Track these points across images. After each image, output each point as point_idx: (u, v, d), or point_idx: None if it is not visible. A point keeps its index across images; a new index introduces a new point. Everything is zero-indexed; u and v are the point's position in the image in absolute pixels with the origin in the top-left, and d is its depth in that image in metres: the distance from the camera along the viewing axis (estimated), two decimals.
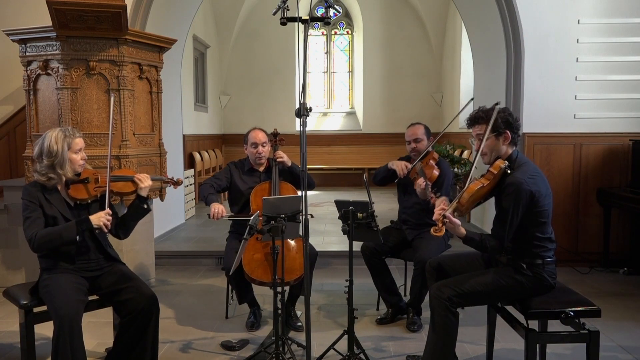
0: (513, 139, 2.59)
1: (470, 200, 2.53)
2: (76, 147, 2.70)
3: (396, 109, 11.06)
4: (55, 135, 2.66)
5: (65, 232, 2.56)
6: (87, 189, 2.73)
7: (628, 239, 4.97)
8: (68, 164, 2.66)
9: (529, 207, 2.48)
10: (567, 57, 4.95)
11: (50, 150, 2.63)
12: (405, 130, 3.77)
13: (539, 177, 2.53)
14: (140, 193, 2.81)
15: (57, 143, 2.64)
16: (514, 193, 2.45)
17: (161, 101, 4.19)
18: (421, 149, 3.64)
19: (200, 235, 6.02)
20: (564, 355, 3.12)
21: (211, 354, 3.18)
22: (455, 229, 2.49)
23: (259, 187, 3.55)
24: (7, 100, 4.97)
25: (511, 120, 2.57)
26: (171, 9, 5.66)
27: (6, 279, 4.34)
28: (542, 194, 2.49)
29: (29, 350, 2.64)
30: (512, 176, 2.49)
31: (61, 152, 2.64)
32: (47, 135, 2.68)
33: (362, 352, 2.93)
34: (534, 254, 2.54)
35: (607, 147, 4.98)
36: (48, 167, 2.64)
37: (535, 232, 2.53)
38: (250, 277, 3.24)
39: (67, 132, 2.70)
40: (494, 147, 2.59)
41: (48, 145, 2.64)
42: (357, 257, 3.33)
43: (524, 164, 2.56)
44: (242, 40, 11.06)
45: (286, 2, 2.47)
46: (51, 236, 2.55)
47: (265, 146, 3.61)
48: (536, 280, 2.53)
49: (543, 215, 2.52)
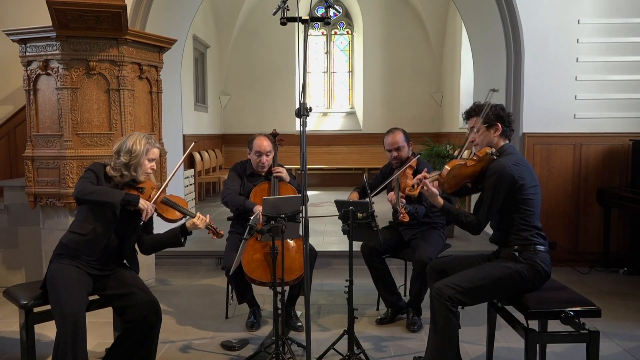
0: (504, 132, 2.70)
1: (450, 175, 2.59)
2: (152, 155, 2.76)
3: (396, 109, 11.06)
4: (139, 138, 2.74)
5: (112, 193, 2.61)
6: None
7: (628, 239, 4.97)
8: (141, 167, 2.72)
9: (511, 192, 2.55)
10: (567, 57, 4.95)
11: (131, 149, 2.69)
12: (384, 138, 3.68)
13: (524, 166, 2.61)
14: (188, 227, 2.82)
15: (140, 144, 2.70)
16: (495, 174, 2.54)
17: (161, 101, 4.19)
18: (403, 157, 3.60)
19: (200, 235, 6.00)
20: (564, 355, 3.12)
21: (211, 354, 3.18)
22: (432, 196, 2.64)
23: (259, 188, 3.55)
24: (7, 100, 4.97)
25: (502, 114, 2.69)
26: (171, 9, 5.66)
27: (6, 279, 4.34)
28: (527, 182, 2.56)
29: (29, 350, 2.64)
30: (497, 161, 2.60)
31: (140, 153, 2.69)
32: (132, 136, 2.75)
33: (362, 352, 2.93)
34: (523, 240, 2.58)
35: (607, 147, 4.98)
36: (123, 165, 2.69)
37: (520, 220, 2.59)
38: (250, 277, 3.24)
39: (149, 139, 2.77)
40: (485, 138, 2.70)
41: (131, 144, 2.70)
42: (357, 257, 3.33)
43: (512, 154, 2.66)
44: (242, 40, 11.06)
45: (286, 2, 2.47)
46: (99, 190, 2.60)
47: (269, 155, 3.59)
48: (531, 268, 2.54)
49: (528, 204, 2.58)
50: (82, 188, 2.59)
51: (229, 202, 3.54)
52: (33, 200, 3.95)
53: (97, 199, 2.59)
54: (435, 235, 3.56)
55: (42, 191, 3.89)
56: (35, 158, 3.87)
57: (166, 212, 2.82)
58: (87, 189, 2.59)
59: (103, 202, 2.60)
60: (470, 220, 2.61)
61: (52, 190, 3.85)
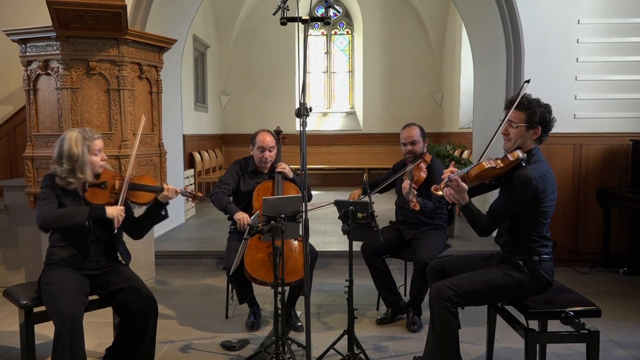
0: (540, 137, 2.59)
1: (477, 176, 2.54)
2: (95, 148, 2.63)
3: (396, 109, 11.06)
4: (75, 137, 2.60)
5: (76, 213, 2.51)
6: (103, 194, 2.66)
7: (628, 239, 4.98)
8: (89, 167, 2.61)
9: (531, 204, 2.50)
10: (567, 57, 4.95)
11: (70, 154, 2.56)
12: (400, 132, 3.69)
13: (549, 177, 2.54)
14: (159, 199, 2.76)
15: (77, 146, 2.57)
16: (521, 185, 2.46)
17: (161, 101, 4.18)
18: (417, 152, 3.60)
19: (200, 235, 6.02)
20: (564, 355, 3.12)
21: (211, 354, 3.18)
22: (460, 192, 2.52)
23: (262, 186, 3.53)
24: (7, 100, 4.97)
25: (548, 119, 2.58)
26: (171, 9, 5.66)
27: (6, 279, 4.34)
28: (548, 195, 2.51)
29: (29, 350, 2.64)
30: (525, 169, 2.49)
31: (81, 155, 2.58)
32: (66, 138, 2.60)
33: (362, 352, 2.93)
34: (530, 250, 2.55)
35: (607, 147, 4.98)
36: (68, 172, 2.58)
37: (532, 230, 2.55)
38: (252, 276, 3.23)
39: (85, 133, 2.63)
40: (521, 137, 2.58)
41: (68, 148, 2.57)
42: (357, 257, 3.33)
43: (540, 161, 2.57)
44: (242, 40, 11.06)
45: (286, 2, 2.47)
46: (61, 215, 2.50)
47: (272, 151, 3.55)
48: (533, 278, 2.53)
49: (543, 216, 2.54)
50: (44, 217, 2.47)
51: (215, 200, 3.51)
52: (33, 200, 3.93)
53: (62, 224, 2.51)
54: (436, 236, 3.56)
55: None
56: (35, 158, 3.87)
57: (138, 197, 2.74)
58: (50, 216, 2.48)
59: (69, 225, 2.52)
60: (484, 224, 2.56)
61: None
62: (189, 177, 7.31)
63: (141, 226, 2.85)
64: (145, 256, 4.50)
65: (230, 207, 3.43)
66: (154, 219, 2.83)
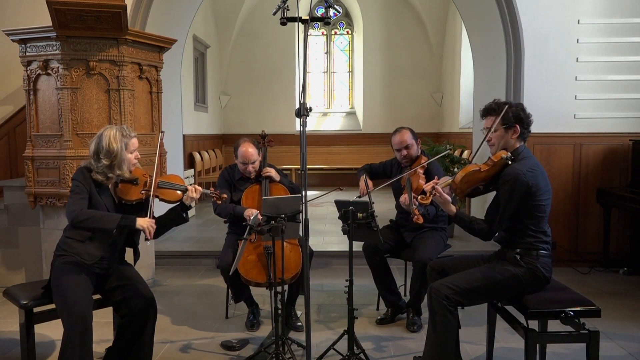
0: (522, 134, 2.63)
1: (463, 181, 2.57)
2: (132, 147, 2.69)
3: (396, 109, 11.06)
4: (114, 134, 2.63)
5: (107, 218, 2.55)
6: (135, 190, 2.72)
7: (628, 239, 4.97)
8: (126, 164, 2.65)
9: (524, 199, 2.51)
10: (567, 57, 4.95)
11: (109, 150, 2.60)
12: (391, 138, 3.64)
13: (538, 171, 2.56)
14: (185, 202, 2.79)
15: (116, 142, 2.61)
16: (509, 182, 2.50)
17: (161, 101, 4.19)
18: (413, 155, 3.57)
19: (200, 235, 6.02)
20: (564, 355, 3.12)
21: (211, 354, 3.18)
22: (445, 204, 2.60)
23: (249, 190, 3.52)
24: (7, 100, 4.97)
25: (522, 116, 2.62)
26: (171, 9, 5.66)
27: (6, 279, 4.34)
28: (541, 188, 2.52)
29: (29, 350, 2.64)
30: (512, 167, 2.53)
31: (120, 152, 2.61)
32: (105, 134, 2.64)
33: (362, 352, 2.92)
34: (527, 245, 2.56)
35: (607, 147, 4.98)
36: (107, 167, 2.61)
37: (530, 224, 2.56)
38: (246, 278, 3.23)
39: (124, 131, 2.67)
40: (502, 139, 2.63)
41: (107, 144, 2.60)
42: (357, 257, 3.33)
43: (526, 157, 2.59)
44: (242, 40, 11.06)
45: (286, 2, 2.47)
46: (94, 216, 2.53)
47: (255, 163, 3.51)
48: (531, 273, 2.54)
49: (539, 210, 2.55)
50: (77, 215, 2.51)
51: (221, 212, 3.52)
52: (33, 200, 3.95)
53: (92, 226, 2.54)
54: (436, 236, 3.56)
55: (42, 191, 3.89)
56: (35, 158, 3.87)
57: (167, 195, 2.78)
58: (82, 214, 2.52)
59: (98, 228, 2.55)
60: (482, 227, 2.59)
61: (52, 190, 3.85)
62: (189, 177, 7.31)
63: (161, 228, 2.84)
64: (145, 256, 4.48)
65: (238, 209, 3.44)
66: (175, 221, 2.84)
